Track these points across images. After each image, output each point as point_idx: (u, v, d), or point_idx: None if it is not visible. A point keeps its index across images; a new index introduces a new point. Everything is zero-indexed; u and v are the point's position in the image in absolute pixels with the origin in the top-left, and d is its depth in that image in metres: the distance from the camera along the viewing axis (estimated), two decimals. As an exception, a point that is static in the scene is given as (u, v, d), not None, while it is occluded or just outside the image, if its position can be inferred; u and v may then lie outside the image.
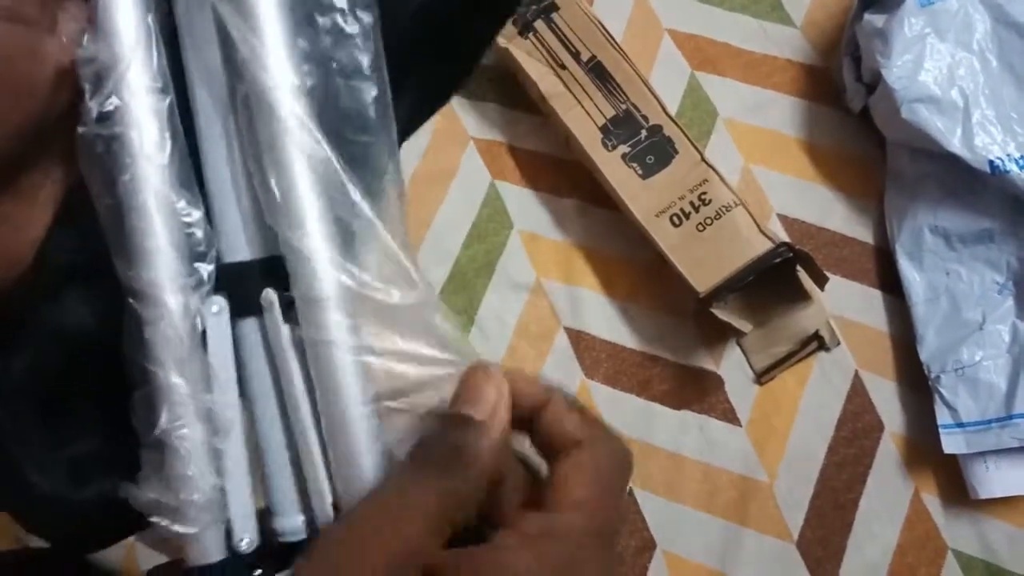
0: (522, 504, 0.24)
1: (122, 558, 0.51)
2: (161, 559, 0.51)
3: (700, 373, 0.51)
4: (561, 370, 0.51)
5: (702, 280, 0.46)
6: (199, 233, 0.22)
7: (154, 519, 0.21)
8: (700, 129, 0.55)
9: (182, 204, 0.22)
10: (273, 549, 0.22)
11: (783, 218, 0.53)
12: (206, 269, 0.22)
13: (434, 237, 0.54)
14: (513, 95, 0.56)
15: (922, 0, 0.48)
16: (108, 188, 0.21)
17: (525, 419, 0.24)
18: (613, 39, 0.51)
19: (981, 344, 0.46)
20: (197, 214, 0.22)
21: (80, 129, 0.21)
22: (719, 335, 0.51)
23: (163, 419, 0.21)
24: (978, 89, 0.47)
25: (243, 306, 0.22)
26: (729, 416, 0.50)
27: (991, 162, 0.45)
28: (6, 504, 0.24)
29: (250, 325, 0.23)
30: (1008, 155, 0.45)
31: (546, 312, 0.52)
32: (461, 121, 0.56)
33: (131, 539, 0.51)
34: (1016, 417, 0.45)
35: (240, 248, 0.23)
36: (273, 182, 0.21)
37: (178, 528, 0.21)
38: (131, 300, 0.21)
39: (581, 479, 0.23)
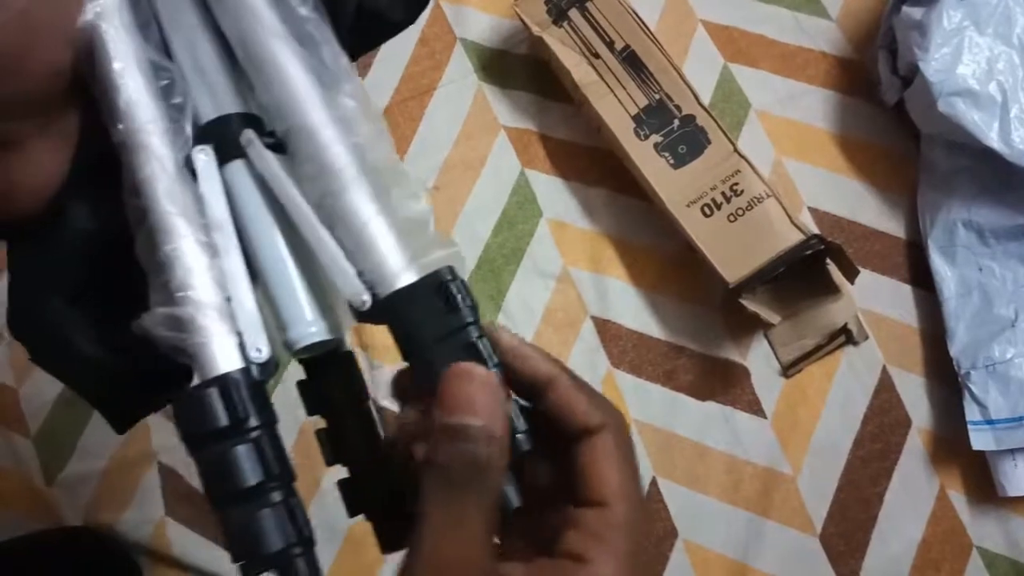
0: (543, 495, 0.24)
1: (150, 534, 0.52)
2: (191, 537, 0.52)
3: (726, 364, 0.51)
4: (587, 358, 0.52)
5: (732, 271, 0.46)
6: (179, 90, 0.24)
7: (167, 337, 0.22)
8: (732, 120, 0.55)
9: (161, 64, 0.24)
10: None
11: (814, 211, 0.53)
12: (188, 119, 0.24)
13: (464, 223, 0.55)
14: (545, 84, 0.56)
15: (961, -7, 0.47)
16: (98, 70, 0.24)
17: (528, 388, 0.24)
18: (647, 28, 0.51)
19: (1013, 341, 0.46)
20: (176, 73, 0.25)
21: (79, 22, 0.24)
22: (746, 326, 0.51)
23: (163, 246, 0.22)
24: (1017, 83, 0.46)
25: (228, 152, 0.24)
26: (754, 408, 0.50)
27: (1028, 157, 0.45)
28: (61, 374, 0.26)
29: (236, 167, 0.24)
30: (1046, 150, 0.45)
31: (573, 300, 0.53)
32: (492, 109, 0.57)
33: (162, 515, 0.52)
34: (1047, 415, 0.44)
35: (221, 106, 0.25)
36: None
37: (191, 339, 0.21)
38: (123, 156, 0.23)
39: (613, 467, 0.23)
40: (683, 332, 0.52)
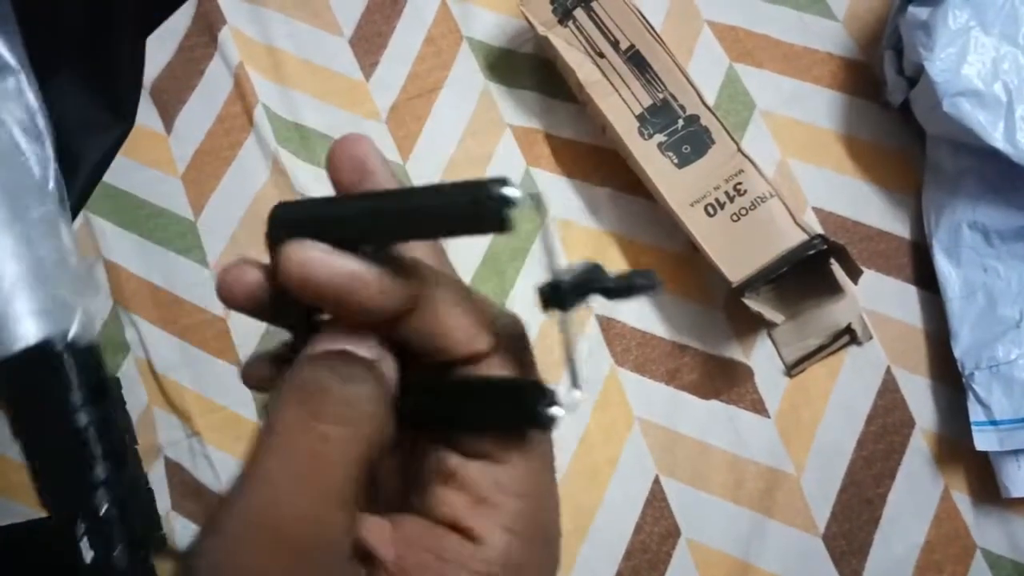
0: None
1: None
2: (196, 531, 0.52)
3: (730, 364, 0.51)
4: (591, 357, 0.52)
5: (735, 270, 0.46)
6: None
7: None
8: (737, 120, 0.55)
9: None
10: None
11: (818, 211, 0.53)
12: None
13: (468, 222, 0.55)
14: (551, 83, 0.56)
15: (968, -7, 0.47)
16: None
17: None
18: (652, 28, 0.51)
19: (1017, 342, 0.46)
20: None
21: None
22: (749, 326, 0.51)
23: None
24: (1022, 83, 0.46)
25: None
26: (758, 407, 0.50)
27: (1034, 158, 0.45)
28: None
29: None
30: (1052, 151, 0.45)
31: (577, 299, 0.53)
32: (498, 108, 0.57)
33: (168, 509, 0.52)
34: (1051, 416, 0.44)
35: None
36: None
37: None
38: None
39: None
40: (687, 331, 0.52)
